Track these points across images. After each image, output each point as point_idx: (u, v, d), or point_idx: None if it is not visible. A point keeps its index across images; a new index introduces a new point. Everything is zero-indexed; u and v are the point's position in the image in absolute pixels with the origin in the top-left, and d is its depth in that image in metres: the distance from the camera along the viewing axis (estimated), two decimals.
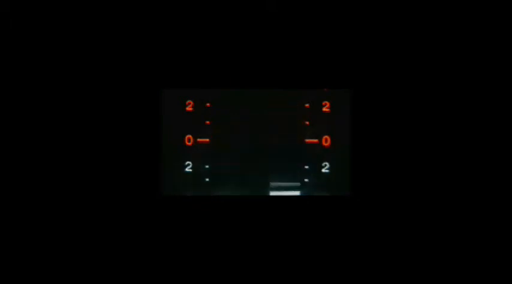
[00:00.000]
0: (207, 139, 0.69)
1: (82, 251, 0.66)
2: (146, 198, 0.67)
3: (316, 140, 0.69)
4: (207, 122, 0.69)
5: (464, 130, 0.66)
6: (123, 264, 0.66)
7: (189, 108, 0.69)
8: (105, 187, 0.66)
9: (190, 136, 0.69)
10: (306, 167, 0.69)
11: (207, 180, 0.69)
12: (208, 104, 0.69)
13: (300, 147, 0.69)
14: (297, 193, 0.69)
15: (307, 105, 0.69)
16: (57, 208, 0.66)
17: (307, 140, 0.69)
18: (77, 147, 0.66)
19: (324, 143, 0.69)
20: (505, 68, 0.66)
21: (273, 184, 0.69)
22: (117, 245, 0.66)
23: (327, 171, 0.69)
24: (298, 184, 0.69)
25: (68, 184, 0.66)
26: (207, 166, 0.69)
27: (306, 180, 0.69)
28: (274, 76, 0.68)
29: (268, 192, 0.68)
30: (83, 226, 0.66)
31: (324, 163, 0.69)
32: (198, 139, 0.69)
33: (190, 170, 0.69)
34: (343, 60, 0.67)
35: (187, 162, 0.69)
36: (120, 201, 0.66)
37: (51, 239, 0.66)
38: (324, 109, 0.69)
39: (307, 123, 0.69)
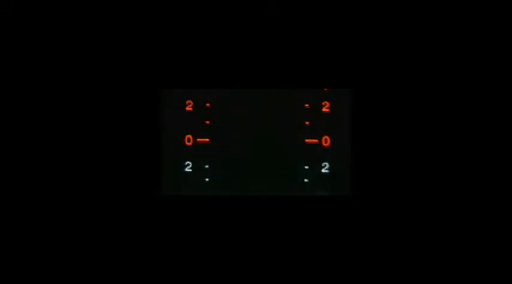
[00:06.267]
0: (207, 139, 0.69)
1: (82, 250, 0.66)
2: (146, 197, 0.67)
3: (316, 140, 0.69)
4: (207, 122, 0.69)
5: (465, 129, 0.66)
6: (122, 264, 0.66)
7: (189, 108, 0.69)
8: (105, 186, 0.66)
9: (190, 136, 0.69)
10: (306, 167, 0.69)
11: (207, 180, 0.69)
12: (208, 104, 0.69)
13: (300, 147, 0.69)
14: (297, 193, 0.69)
15: (307, 105, 0.69)
16: (57, 207, 0.66)
17: (307, 140, 0.69)
18: (76, 147, 0.66)
19: (324, 143, 0.69)
20: (505, 68, 0.66)
21: (273, 184, 0.69)
22: (117, 245, 0.66)
23: (327, 171, 0.69)
24: (298, 184, 0.69)
25: (67, 184, 0.66)
26: (207, 166, 0.69)
27: (306, 180, 0.69)
28: (274, 76, 0.68)
29: (268, 192, 0.68)
30: (83, 225, 0.66)
31: (324, 163, 0.69)
32: (198, 139, 0.69)
33: (190, 170, 0.69)
34: (343, 60, 0.67)
35: (187, 162, 0.69)
36: (120, 200, 0.66)
37: (51, 238, 0.66)
38: (324, 109, 0.69)
39: (307, 123, 0.69)
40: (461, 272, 0.65)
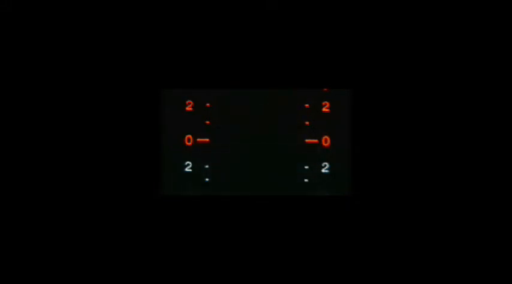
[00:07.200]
0: (207, 139, 0.69)
1: (81, 250, 0.66)
2: (146, 197, 0.67)
3: (316, 140, 0.69)
4: (207, 122, 0.69)
5: (466, 129, 0.66)
6: (122, 264, 0.66)
7: (189, 108, 0.69)
8: (105, 186, 0.66)
9: (190, 136, 0.69)
10: (306, 167, 0.69)
11: (207, 180, 0.69)
12: (208, 104, 0.69)
13: (300, 147, 0.69)
14: (297, 193, 0.68)
15: (307, 105, 0.69)
16: (57, 207, 0.66)
17: (307, 140, 0.69)
18: (76, 147, 0.66)
19: (324, 143, 0.69)
20: (505, 68, 0.66)
21: (272, 184, 0.69)
22: (117, 245, 0.66)
23: (327, 171, 0.69)
24: (298, 184, 0.69)
25: (67, 184, 0.66)
26: (207, 166, 0.69)
27: (306, 180, 0.69)
28: (274, 76, 0.68)
29: (268, 192, 0.68)
30: (82, 225, 0.66)
31: (324, 163, 0.69)
32: (198, 139, 0.69)
33: (190, 170, 0.69)
34: (343, 60, 0.67)
35: (187, 162, 0.69)
36: (120, 200, 0.66)
37: (50, 238, 0.66)
38: (324, 109, 0.69)
39: (307, 123, 0.69)
40: (461, 272, 0.65)
